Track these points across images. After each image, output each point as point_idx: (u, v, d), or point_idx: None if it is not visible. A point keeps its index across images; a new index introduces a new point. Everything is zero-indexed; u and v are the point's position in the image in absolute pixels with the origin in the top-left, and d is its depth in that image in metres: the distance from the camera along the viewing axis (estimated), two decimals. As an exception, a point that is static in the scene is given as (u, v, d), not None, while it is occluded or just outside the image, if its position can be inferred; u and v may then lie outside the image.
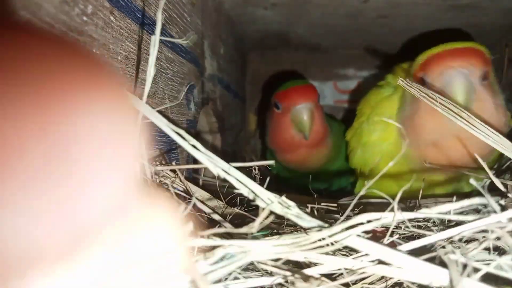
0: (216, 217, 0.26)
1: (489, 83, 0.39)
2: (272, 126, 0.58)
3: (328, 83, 0.81)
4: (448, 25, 0.62)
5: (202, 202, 0.30)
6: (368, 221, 0.20)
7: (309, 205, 0.27)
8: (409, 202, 0.37)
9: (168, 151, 0.35)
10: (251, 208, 0.35)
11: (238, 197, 0.35)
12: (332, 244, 0.19)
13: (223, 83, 0.59)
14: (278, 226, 0.27)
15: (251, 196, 0.21)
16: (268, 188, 0.22)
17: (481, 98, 0.37)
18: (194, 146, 0.20)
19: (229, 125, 0.62)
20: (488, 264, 0.19)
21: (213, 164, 0.20)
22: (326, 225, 0.20)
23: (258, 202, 0.21)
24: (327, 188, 0.59)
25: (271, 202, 0.21)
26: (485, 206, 0.27)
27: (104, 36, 0.23)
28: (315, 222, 0.20)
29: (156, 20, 0.32)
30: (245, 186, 0.21)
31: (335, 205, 0.30)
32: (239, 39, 0.71)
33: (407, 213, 0.21)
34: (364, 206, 0.34)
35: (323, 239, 0.19)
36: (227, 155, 0.60)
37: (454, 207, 0.22)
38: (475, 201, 0.23)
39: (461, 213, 0.27)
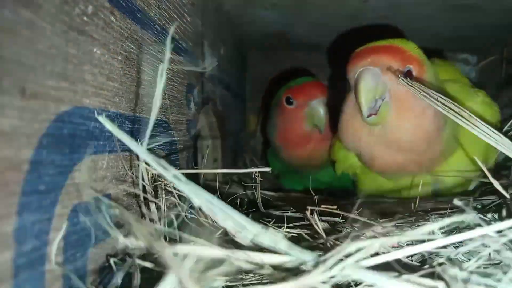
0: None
1: (418, 81, 0.35)
2: (281, 122, 0.58)
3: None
4: (447, 25, 0.62)
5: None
6: (358, 250, 0.19)
7: (309, 208, 0.27)
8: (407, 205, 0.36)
9: (169, 151, 0.35)
10: (251, 209, 0.35)
11: (239, 199, 0.35)
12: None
13: (223, 83, 0.59)
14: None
15: (237, 228, 0.20)
16: (268, 189, 0.22)
17: (400, 97, 0.34)
18: (176, 177, 0.20)
19: (229, 125, 0.62)
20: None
21: (196, 195, 0.19)
22: (318, 255, 0.19)
23: (245, 234, 0.20)
24: (328, 187, 0.59)
25: (258, 234, 0.20)
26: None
27: (104, 36, 0.23)
28: (308, 255, 0.19)
29: (156, 20, 0.31)
30: (231, 217, 0.20)
31: (335, 207, 0.30)
32: (239, 39, 0.71)
33: (393, 237, 0.21)
34: (363, 209, 0.33)
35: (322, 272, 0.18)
36: (227, 155, 0.60)
37: (444, 224, 0.22)
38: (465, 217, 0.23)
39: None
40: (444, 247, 0.22)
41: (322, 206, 0.30)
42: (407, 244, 0.24)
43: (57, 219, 0.19)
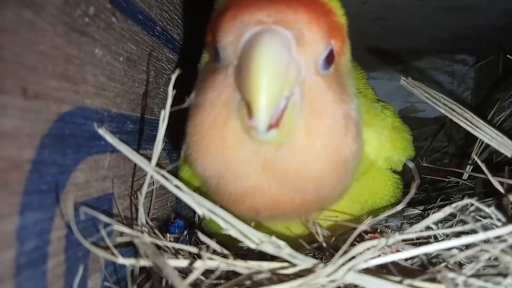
0: None
1: (337, 74, 0.22)
2: None
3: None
4: (445, 26, 0.63)
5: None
6: (366, 250, 0.19)
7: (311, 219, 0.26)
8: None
9: (169, 151, 0.35)
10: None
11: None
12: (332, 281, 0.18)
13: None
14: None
15: (239, 237, 0.20)
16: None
17: (317, 96, 0.20)
18: (177, 187, 0.20)
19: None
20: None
21: (197, 204, 0.19)
22: (318, 261, 0.19)
23: (248, 243, 0.20)
24: None
25: (261, 243, 0.20)
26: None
27: (106, 37, 0.23)
28: (309, 261, 0.20)
29: (157, 21, 0.32)
30: (233, 226, 0.20)
31: (336, 215, 0.29)
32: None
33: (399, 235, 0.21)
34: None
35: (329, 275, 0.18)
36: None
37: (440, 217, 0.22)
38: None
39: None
40: (444, 250, 0.22)
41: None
42: (407, 243, 0.24)
43: (59, 218, 0.19)
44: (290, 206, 0.23)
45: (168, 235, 0.25)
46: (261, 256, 0.22)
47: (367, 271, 0.20)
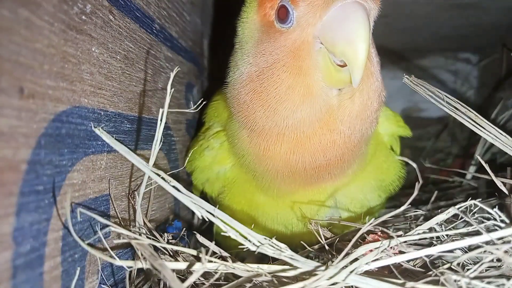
0: None
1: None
2: None
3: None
4: (448, 24, 0.62)
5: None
6: (366, 253, 0.19)
7: (313, 220, 0.26)
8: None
9: (168, 151, 0.35)
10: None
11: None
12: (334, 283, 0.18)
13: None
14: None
15: (239, 239, 0.20)
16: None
17: (372, 53, 0.26)
18: (175, 188, 0.19)
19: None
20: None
21: (196, 206, 0.19)
22: (319, 264, 0.19)
23: (248, 245, 0.20)
24: None
25: (261, 244, 0.20)
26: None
27: (103, 35, 0.22)
28: (311, 263, 0.20)
29: (155, 19, 0.31)
30: (233, 228, 0.20)
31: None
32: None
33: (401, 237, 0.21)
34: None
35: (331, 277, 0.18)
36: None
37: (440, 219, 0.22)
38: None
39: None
40: (447, 252, 0.22)
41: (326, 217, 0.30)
42: (410, 245, 0.24)
43: (55, 219, 0.19)
44: (334, 154, 0.26)
45: (166, 234, 0.25)
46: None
47: (369, 273, 0.19)
